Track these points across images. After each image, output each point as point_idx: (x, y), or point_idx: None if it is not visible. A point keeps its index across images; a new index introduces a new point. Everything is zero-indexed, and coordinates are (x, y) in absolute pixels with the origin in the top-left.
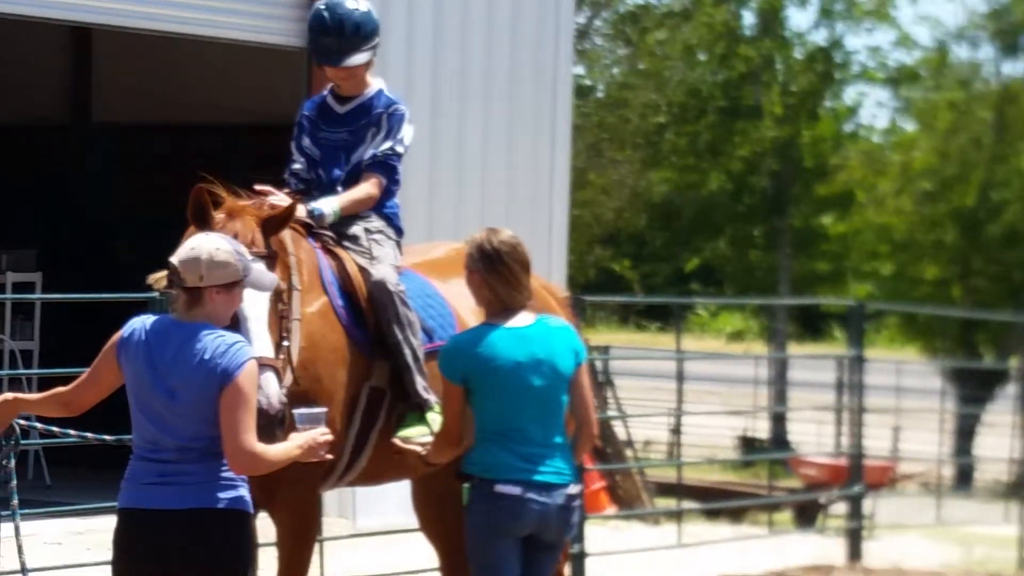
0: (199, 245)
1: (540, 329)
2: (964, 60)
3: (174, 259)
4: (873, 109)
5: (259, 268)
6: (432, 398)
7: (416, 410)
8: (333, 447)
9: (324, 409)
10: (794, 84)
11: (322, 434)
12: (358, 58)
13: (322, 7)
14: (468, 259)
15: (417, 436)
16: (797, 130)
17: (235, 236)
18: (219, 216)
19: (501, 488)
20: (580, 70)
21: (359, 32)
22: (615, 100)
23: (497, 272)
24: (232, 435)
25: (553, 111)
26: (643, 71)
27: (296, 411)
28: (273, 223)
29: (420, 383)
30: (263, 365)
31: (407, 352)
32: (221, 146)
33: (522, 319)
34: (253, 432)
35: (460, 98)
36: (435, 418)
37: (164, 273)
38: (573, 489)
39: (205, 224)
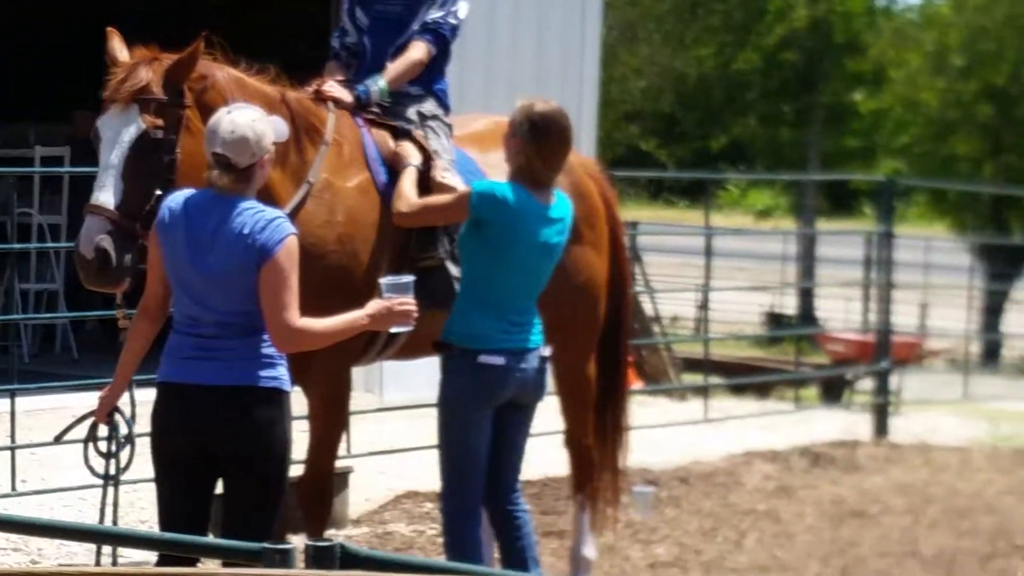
0: (238, 124)
1: (560, 210)
2: None
3: (217, 148)
4: None
5: (274, 119)
6: None
7: (448, 303)
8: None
9: (411, 278)
10: None
11: (400, 303)
12: None
13: None
14: (515, 123)
15: None
16: (830, 7)
17: (138, 83)
18: (125, 63)
19: (485, 359)
20: None
21: None
22: None
23: (539, 147)
24: (273, 312)
25: None
26: None
27: (382, 280)
28: (175, 69)
29: None
30: None
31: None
32: (253, 20)
33: (548, 196)
34: (295, 309)
35: None
36: None
37: (214, 172)
38: (545, 351)
39: (113, 65)
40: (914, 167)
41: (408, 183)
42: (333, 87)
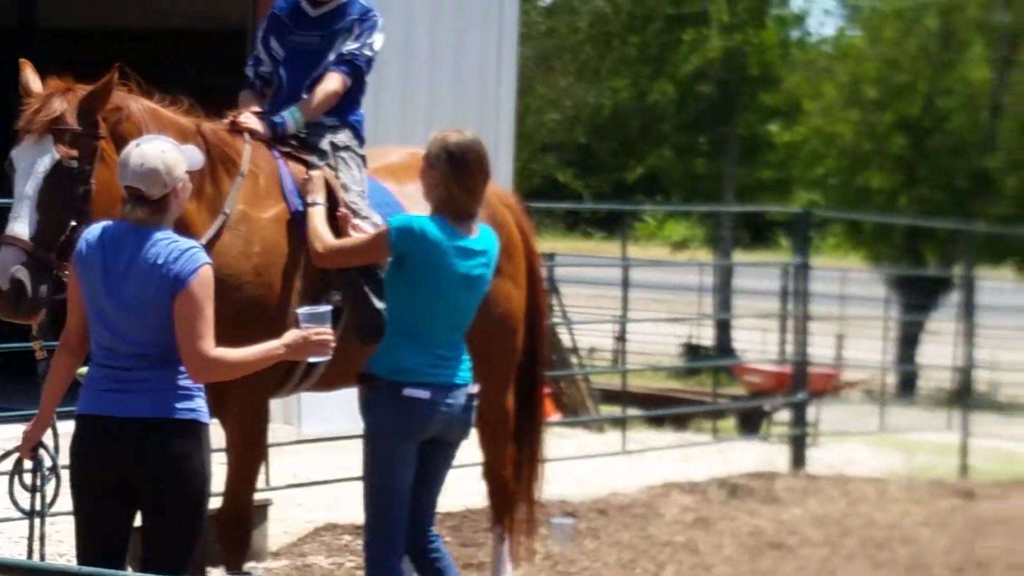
0: (147, 156)
1: (483, 242)
2: None
3: (128, 181)
4: (820, 17)
5: (187, 148)
6: None
7: (373, 336)
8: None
9: (328, 308)
10: None
11: (316, 333)
12: None
13: None
14: (431, 156)
15: None
16: (745, 39)
17: (52, 113)
18: (39, 94)
19: (410, 392)
20: None
21: None
22: (563, 7)
23: (459, 177)
24: (187, 342)
25: (500, 13)
26: None
27: (299, 310)
28: (89, 100)
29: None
30: None
31: (377, 276)
32: (169, 51)
33: (470, 228)
34: (209, 339)
35: None
36: None
37: (127, 206)
38: (473, 388)
39: (27, 96)
40: (829, 199)
41: (319, 223)
42: (249, 118)
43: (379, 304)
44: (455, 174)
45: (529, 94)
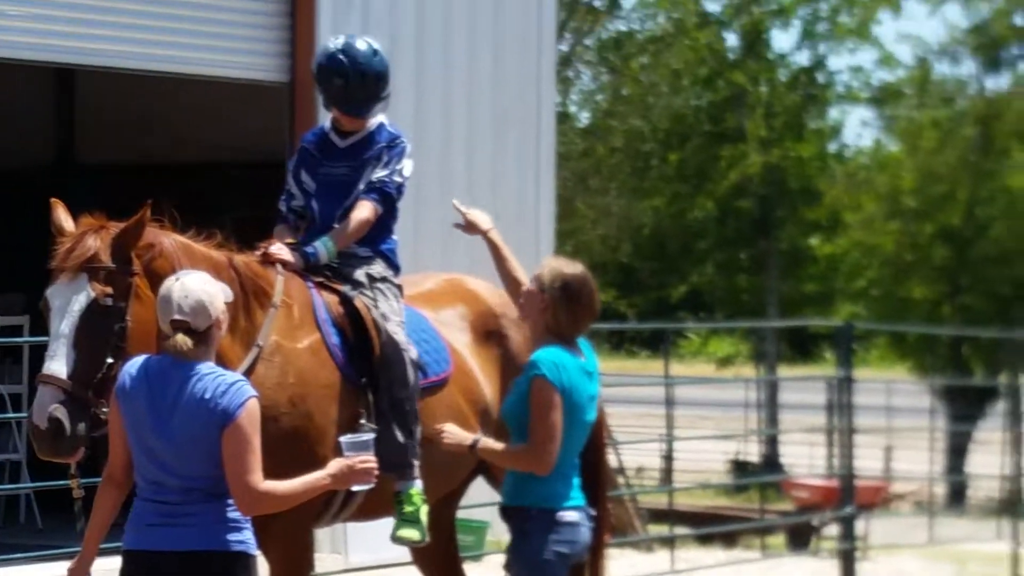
0: (190, 289)
1: (592, 360)
2: (947, 76)
3: (176, 316)
4: (857, 128)
5: (219, 284)
6: (416, 467)
7: (394, 470)
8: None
9: (371, 436)
10: (778, 106)
11: (361, 462)
12: (378, 107)
13: (337, 50)
14: (544, 281)
15: (412, 539)
16: (783, 153)
17: (86, 252)
18: (72, 233)
19: (564, 515)
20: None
21: (380, 81)
22: (600, 128)
23: (570, 308)
24: (236, 476)
25: (537, 138)
26: (627, 98)
27: (342, 439)
28: (122, 237)
29: (411, 448)
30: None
31: (406, 411)
32: (205, 183)
33: (579, 351)
34: (258, 472)
35: (444, 120)
36: (423, 509)
37: (178, 336)
38: (591, 509)
39: (60, 235)
40: (872, 310)
41: (499, 447)
42: (280, 249)
43: (400, 437)
44: (567, 304)
45: (571, 216)
